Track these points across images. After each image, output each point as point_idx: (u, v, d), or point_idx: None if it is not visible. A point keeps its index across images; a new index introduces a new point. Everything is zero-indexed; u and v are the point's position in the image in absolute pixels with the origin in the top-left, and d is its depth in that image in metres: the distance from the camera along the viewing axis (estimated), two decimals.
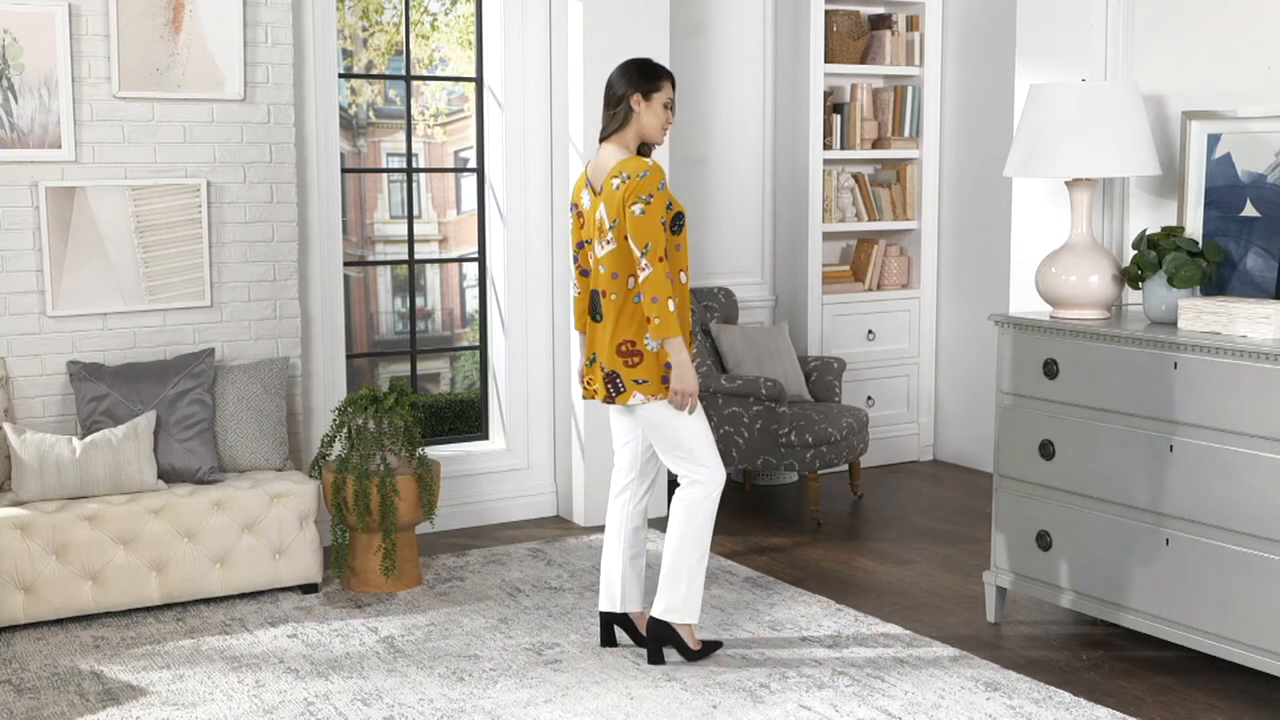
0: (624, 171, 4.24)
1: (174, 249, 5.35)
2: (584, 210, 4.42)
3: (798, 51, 6.96)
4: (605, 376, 4.34)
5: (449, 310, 7.58)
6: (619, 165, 4.27)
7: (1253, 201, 4.47)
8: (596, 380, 4.39)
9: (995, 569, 4.86)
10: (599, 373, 4.37)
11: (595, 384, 4.40)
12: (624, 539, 4.51)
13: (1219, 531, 4.14)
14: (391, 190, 7.48)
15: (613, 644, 4.58)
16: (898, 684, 4.29)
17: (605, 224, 4.29)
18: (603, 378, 4.35)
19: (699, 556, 4.37)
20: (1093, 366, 4.46)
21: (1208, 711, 4.11)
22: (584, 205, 4.41)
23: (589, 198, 4.39)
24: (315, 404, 5.78)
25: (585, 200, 4.41)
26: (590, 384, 4.43)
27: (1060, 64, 5.08)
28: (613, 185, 4.26)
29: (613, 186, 4.26)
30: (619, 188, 4.23)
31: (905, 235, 7.42)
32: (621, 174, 4.24)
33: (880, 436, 7.30)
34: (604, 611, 4.58)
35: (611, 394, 4.34)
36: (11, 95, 5.04)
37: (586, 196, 4.40)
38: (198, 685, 4.28)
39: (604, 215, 4.29)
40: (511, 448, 6.32)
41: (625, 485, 4.54)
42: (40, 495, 4.85)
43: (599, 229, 4.32)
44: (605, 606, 4.57)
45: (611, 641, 4.59)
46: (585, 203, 4.41)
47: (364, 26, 7.10)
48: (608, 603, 4.56)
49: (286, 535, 5.08)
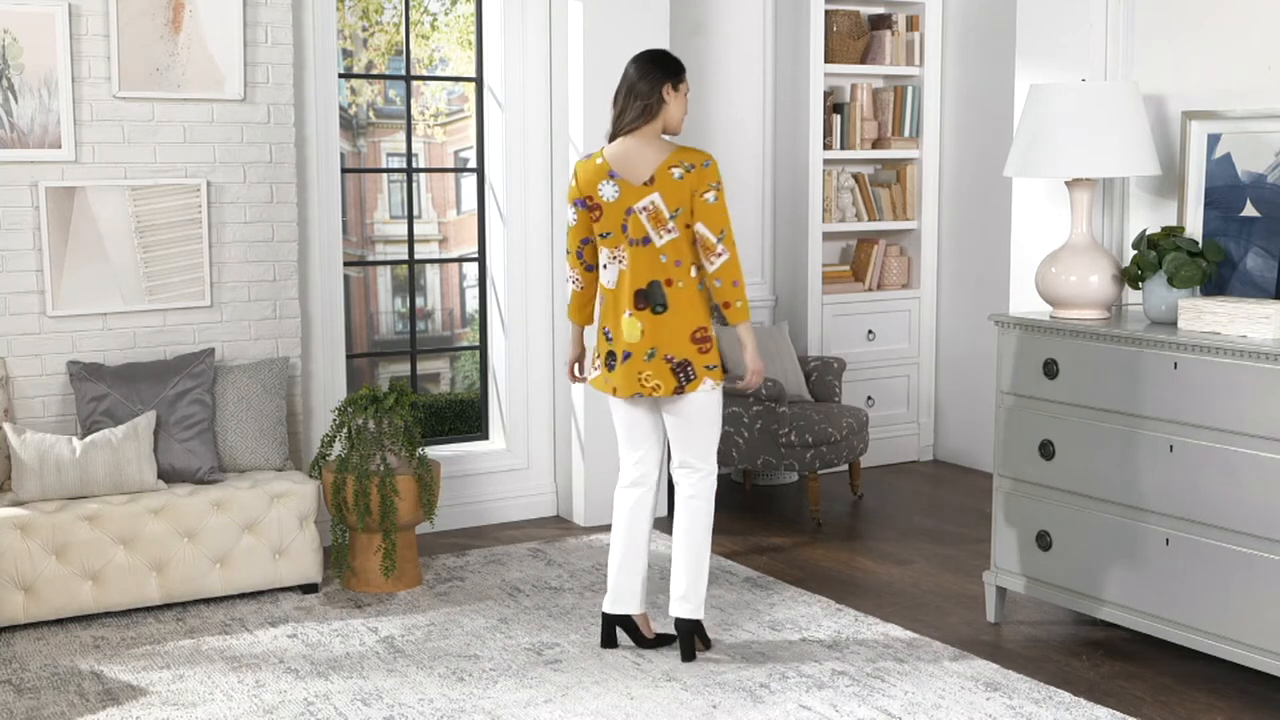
0: (685, 161, 4.27)
1: (174, 249, 5.35)
2: (603, 203, 4.33)
3: (798, 51, 6.96)
4: (675, 367, 4.30)
5: (449, 310, 7.58)
6: (677, 155, 4.28)
7: (1253, 201, 4.47)
8: (660, 374, 4.30)
9: (995, 569, 4.86)
10: (664, 365, 4.30)
11: (657, 378, 4.30)
12: (645, 540, 4.50)
13: (1219, 531, 4.14)
14: (391, 190, 7.48)
15: (614, 645, 4.58)
16: (898, 684, 4.29)
17: (665, 213, 4.26)
18: (670, 369, 4.30)
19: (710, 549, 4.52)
20: (1093, 366, 4.46)
21: (1208, 711, 4.11)
22: (603, 198, 4.33)
23: (612, 190, 4.31)
24: (315, 404, 5.78)
25: (607, 193, 4.32)
26: (648, 380, 4.31)
27: (1060, 64, 5.08)
28: (674, 175, 4.25)
29: (674, 176, 4.25)
30: (682, 178, 4.25)
31: (905, 235, 7.42)
32: (683, 164, 4.27)
33: (880, 436, 7.30)
34: (616, 614, 4.54)
35: (682, 383, 4.31)
36: (11, 95, 5.04)
37: (609, 189, 4.32)
38: (198, 685, 4.28)
39: (661, 205, 4.26)
40: (511, 448, 6.32)
41: (653, 483, 4.50)
42: (40, 495, 4.85)
43: (656, 219, 4.27)
44: (621, 609, 4.52)
45: (614, 643, 4.58)
46: (607, 195, 4.32)
47: (364, 26, 7.11)
48: (623, 605, 4.51)
49: (286, 535, 5.08)
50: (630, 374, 4.33)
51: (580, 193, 4.38)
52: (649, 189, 4.28)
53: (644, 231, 4.30)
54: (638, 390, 4.34)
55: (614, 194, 4.31)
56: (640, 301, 4.32)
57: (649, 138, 4.33)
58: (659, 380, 4.31)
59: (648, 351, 4.32)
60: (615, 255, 4.35)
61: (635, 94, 4.31)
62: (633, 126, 4.32)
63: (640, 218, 4.29)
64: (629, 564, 4.49)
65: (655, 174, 4.27)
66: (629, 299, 4.33)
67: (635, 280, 4.32)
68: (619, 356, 4.35)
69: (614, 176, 4.31)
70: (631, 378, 4.33)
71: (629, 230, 4.31)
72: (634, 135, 4.32)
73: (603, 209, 4.33)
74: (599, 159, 4.36)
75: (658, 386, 4.31)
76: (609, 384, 4.41)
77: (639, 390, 4.34)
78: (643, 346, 4.32)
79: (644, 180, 4.28)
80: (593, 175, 4.35)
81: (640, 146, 4.31)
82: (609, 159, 4.34)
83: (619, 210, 4.31)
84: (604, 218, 4.34)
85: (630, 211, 4.29)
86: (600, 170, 4.34)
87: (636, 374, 4.33)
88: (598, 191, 4.33)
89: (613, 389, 4.39)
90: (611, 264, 4.37)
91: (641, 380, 4.33)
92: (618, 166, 4.31)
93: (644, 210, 4.28)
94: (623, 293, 4.35)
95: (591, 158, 4.39)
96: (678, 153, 4.30)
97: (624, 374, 4.34)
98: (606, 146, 4.38)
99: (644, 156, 4.30)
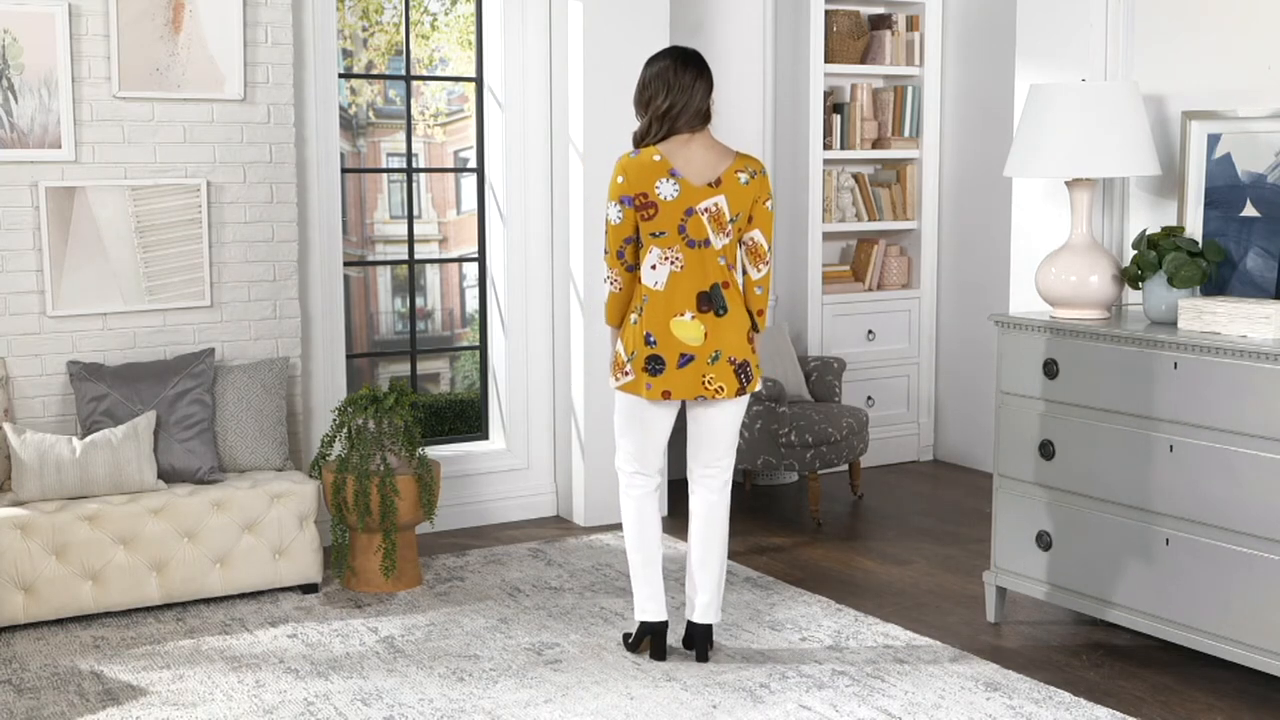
0: (749, 167, 4.28)
1: (174, 249, 5.35)
2: (660, 201, 4.21)
3: (798, 51, 6.96)
4: (737, 368, 4.29)
5: (449, 310, 7.58)
6: (742, 160, 4.28)
7: (1253, 201, 4.47)
8: (723, 376, 4.27)
9: (995, 569, 4.86)
10: (727, 367, 4.28)
11: (720, 380, 4.27)
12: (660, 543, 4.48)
13: (1219, 531, 4.14)
14: (391, 190, 7.48)
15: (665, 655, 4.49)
16: (898, 684, 4.29)
17: (726, 216, 4.24)
18: (733, 370, 4.28)
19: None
20: (1093, 366, 4.46)
21: (1208, 711, 4.11)
22: (660, 196, 4.21)
23: (671, 189, 4.21)
24: (315, 404, 5.78)
25: (665, 191, 4.21)
26: (711, 383, 4.27)
27: (1060, 64, 5.08)
28: (740, 180, 4.25)
29: (740, 181, 4.25)
30: (748, 183, 4.26)
31: (905, 235, 7.42)
32: (748, 169, 4.27)
33: (880, 436, 7.30)
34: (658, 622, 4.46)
35: (743, 384, 4.31)
36: (11, 95, 5.04)
37: (668, 188, 4.21)
38: (198, 685, 4.28)
39: (724, 207, 4.23)
40: (511, 448, 6.32)
41: (657, 487, 4.48)
42: (40, 495, 4.85)
43: (717, 221, 4.23)
44: (663, 615, 4.46)
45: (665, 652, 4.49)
46: (665, 194, 4.21)
47: (364, 26, 7.10)
48: (662, 612, 4.46)
49: (286, 535, 5.08)
50: (694, 377, 4.27)
51: (631, 189, 4.23)
52: (714, 190, 4.23)
53: (705, 233, 4.24)
54: (700, 393, 4.28)
55: (674, 193, 4.22)
56: (704, 304, 4.26)
57: (709, 139, 4.29)
58: (723, 382, 4.28)
59: (712, 354, 4.27)
60: (668, 256, 4.26)
61: (686, 92, 4.24)
62: (692, 127, 4.26)
63: (702, 219, 4.23)
64: (658, 570, 4.45)
65: (723, 176, 4.24)
66: (686, 300, 4.26)
67: (695, 282, 4.26)
68: (671, 360, 4.26)
69: (675, 175, 4.22)
70: (695, 381, 4.27)
71: (688, 231, 4.23)
72: (693, 136, 4.26)
73: (658, 207, 4.22)
74: (655, 155, 4.23)
75: (721, 389, 4.28)
76: (656, 389, 4.27)
77: (702, 393, 4.28)
78: (706, 349, 4.27)
79: (709, 181, 4.23)
80: (649, 172, 4.22)
81: (703, 148, 4.26)
82: (668, 157, 4.24)
83: (678, 210, 4.22)
84: (659, 216, 4.23)
85: (691, 212, 4.22)
86: (659, 168, 4.22)
87: (701, 377, 4.27)
88: (654, 189, 4.22)
89: (663, 393, 4.27)
90: (662, 265, 4.26)
91: (705, 383, 4.27)
92: (679, 165, 4.23)
93: (705, 211, 4.22)
94: (675, 295, 4.26)
95: (643, 154, 4.25)
96: (742, 158, 4.29)
97: (685, 377, 4.26)
98: (659, 144, 4.25)
99: (707, 158, 4.25)
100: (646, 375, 4.29)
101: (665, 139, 4.27)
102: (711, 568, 4.44)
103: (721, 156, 4.27)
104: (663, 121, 4.26)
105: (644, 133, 4.31)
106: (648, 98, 4.30)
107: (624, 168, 4.27)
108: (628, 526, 4.46)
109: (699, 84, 4.27)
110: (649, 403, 4.34)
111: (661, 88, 4.26)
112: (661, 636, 4.46)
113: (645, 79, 4.32)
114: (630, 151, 4.30)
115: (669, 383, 4.27)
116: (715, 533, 4.45)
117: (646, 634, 4.48)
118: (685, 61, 4.28)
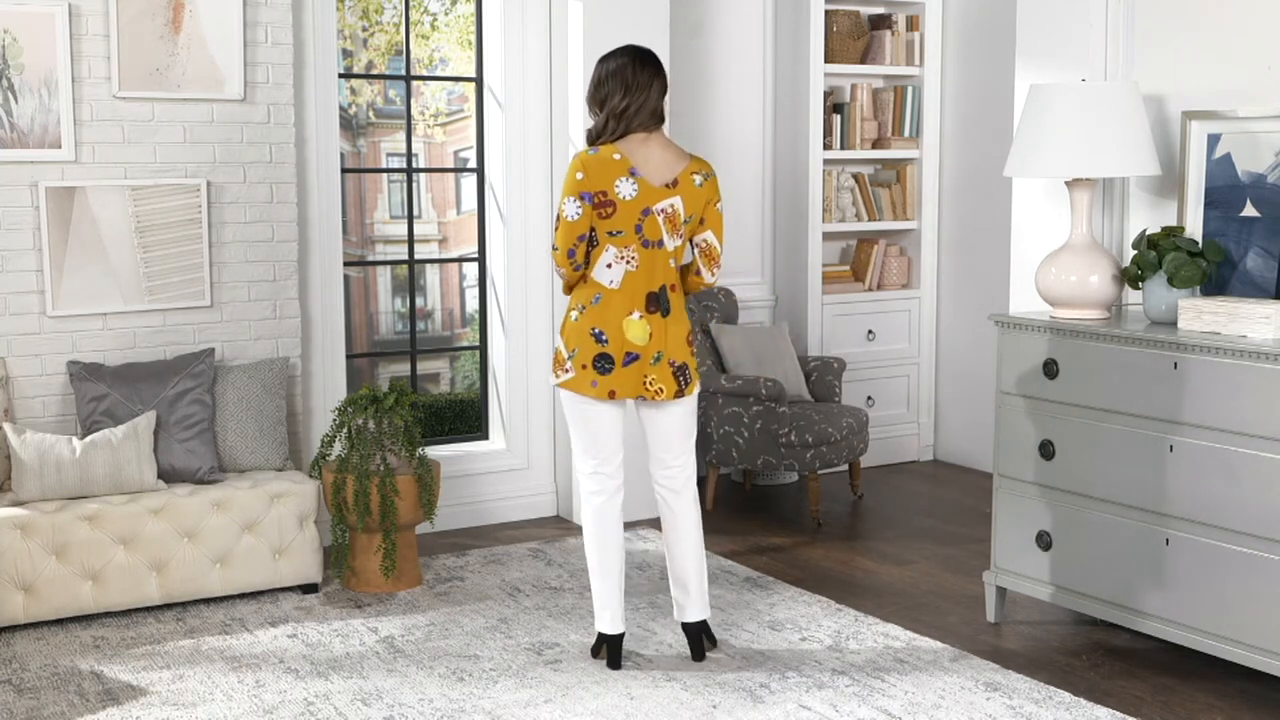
0: (702, 170, 4.29)
1: (174, 249, 5.35)
2: (618, 200, 4.19)
3: (798, 51, 6.96)
4: (676, 370, 4.29)
5: (449, 310, 7.58)
6: (696, 162, 4.29)
7: (1253, 201, 4.47)
8: (663, 378, 4.28)
9: (995, 569, 4.86)
10: (667, 369, 4.28)
11: (660, 381, 4.27)
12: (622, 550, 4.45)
13: (1219, 531, 4.14)
14: (391, 190, 7.48)
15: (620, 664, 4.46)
16: (898, 684, 4.29)
17: (680, 218, 4.25)
18: (672, 372, 4.28)
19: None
20: (1093, 366, 4.46)
21: (1208, 711, 4.11)
22: (620, 195, 4.19)
23: (630, 188, 4.20)
24: (315, 404, 5.78)
25: (625, 190, 4.19)
26: (652, 384, 4.27)
27: (1060, 64, 5.08)
28: (694, 182, 4.25)
29: (695, 183, 4.26)
30: (701, 185, 4.27)
31: (905, 235, 7.42)
32: (701, 172, 4.28)
33: (880, 436, 7.30)
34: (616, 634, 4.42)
35: (681, 387, 4.30)
36: (11, 95, 5.04)
37: (627, 187, 4.19)
38: (198, 685, 4.28)
39: (680, 209, 4.24)
40: (511, 448, 6.32)
41: (616, 490, 4.41)
42: (40, 495, 4.85)
43: (671, 222, 4.24)
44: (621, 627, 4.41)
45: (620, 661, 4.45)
46: (624, 193, 4.19)
47: (364, 26, 7.11)
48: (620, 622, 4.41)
49: (286, 535, 5.08)
50: (636, 377, 4.27)
51: (591, 186, 4.19)
52: (671, 192, 4.23)
53: (660, 234, 4.24)
54: (641, 393, 4.29)
55: (633, 192, 4.21)
56: (652, 305, 4.27)
57: (665, 140, 4.29)
58: (662, 384, 4.28)
59: (655, 355, 4.27)
60: (624, 255, 4.25)
61: (644, 91, 4.22)
62: (647, 127, 4.25)
63: (658, 219, 4.23)
64: (619, 578, 4.41)
65: (679, 177, 4.24)
66: (637, 300, 4.26)
67: (647, 282, 4.27)
68: (618, 358, 4.26)
69: (634, 174, 4.21)
70: (637, 380, 4.27)
71: (644, 231, 4.23)
72: (649, 135, 4.25)
73: (617, 206, 4.21)
74: (615, 154, 4.21)
75: (660, 390, 4.28)
76: (603, 388, 4.25)
77: (642, 393, 4.29)
78: (650, 349, 4.27)
79: (666, 182, 4.23)
80: (609, 170, 4.20)
81: (659, 148, 4.26)
82: (627, 155, 4.22)
83: (635, 209, 4.21)
84: (617, 215, 4.21)
85: (648, 212, 4.22)
86: (619, 166, 4.20)
87: (643, 377, 4.28)
88: (614, 187, 4.20)
89: (609, 392, 4.26)
90: (617, 264, 4.26)
91: (646, 384, 4.28)
92: (638, 164, 4.22)
93: (662, 212, 4.23)
94: (627, 293, 4.25)
95: (603, 151, 4.21)
96: (695, 160, 4.31)
97: (628, 376, 4.26)
98: (617, 143, 4.23)
99: (665, 159, 4.25)
100: (594, 373, 4.26)
101: (621, 138, 4.25)
102: (690, 565, 4.43)
103: (677, 158, 4.28)
104: (620, 120, 4.24)
105: (600, 130, 4.28)
106: (603, 95, 4.27)
107: (584, 164, 4.22)
108: (587, 535, 4.41)
109: (656, 83, 4.26)
110: (594, 400, 4.30)
111: (619, 86, 4.23)
112: (617, 646, 4.43)
113: (600, 76, 4.28)
114: (589, 149, 4.27)
115: (615, 382, 4.26)
116: (686, 531, 4.43)
117: (604, 643, 4.47)
118: (643, 60, 4.26)
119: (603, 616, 4.42)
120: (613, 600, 4.39)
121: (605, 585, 4.39)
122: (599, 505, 4.37)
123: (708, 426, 6.34)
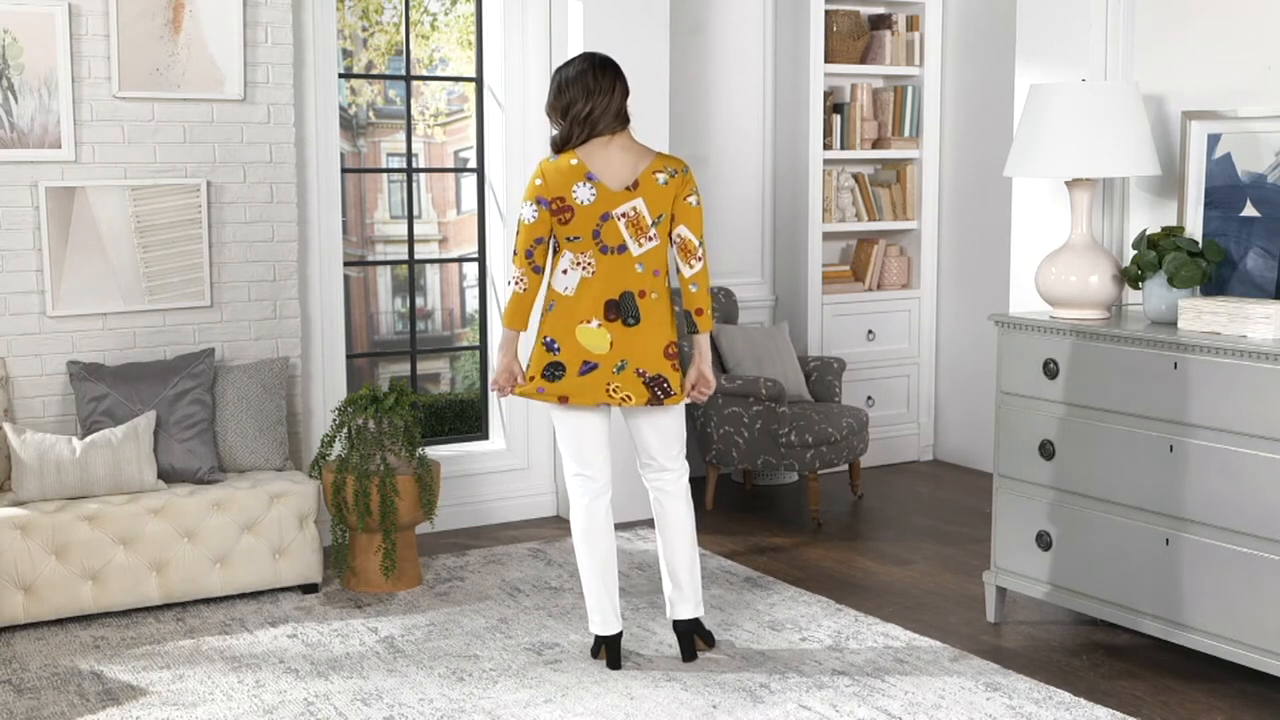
0: (668, 167, 4.25)
1: (174, 249, 5.35)
2: (576, 205, 4.19)
3: (798, 51, 6.96)
4: (648, 381, 4.24)
5: (449, 310, 7.58)
6: (660, 160, 4.25)
7: (1253, 201, 4.47)
8: (630, 386, 4.23)
9: (995, 569, 4.86)
10: (635, 378, 4.23)
11: (626, 389, 4.23)
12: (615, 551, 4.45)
13: (1219, 531, 4.14)
14: (391, 190, 7.47)
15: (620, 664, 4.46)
16: (898, 684, 4.29)
17: (647, 220, 4.21)
18: (643, 382, 4.24)
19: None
20: (1093, 366, 4.46)
21: (1208, 711, 4.11)
22: (577, 200, 4.19)
23: (588, 193, 4.19)
24: (315, 404, 5.78)
25: (582, 196, 4.19)
26: (617, 391, 4.23)
27: (1060, 64, 5.08)
28: (658, 180, 4.22)
29: (659, 181, 4.22)
30: (666, 183, 4.23)
31: (905, 235, 7.42)
32: (667, 169, 4.25)
33: (880, 436, 7.30)
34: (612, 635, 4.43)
35: (660, 396, 4.26)
36: (11, 95, 5.04)
37: (584, 192, 4.19)
38: (198, 685, 4.28)
39: (643, 211, 4.21)
40: (511, 448, 6.32)
41: (602, 491, 4.40)
42: (40, 495, 4.85)
43: (635, 226, 4.21)
44: (616, 628, 4.42)
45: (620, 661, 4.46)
46: (582, 198, 4.19)
47: (364, 26, 7.10)
48: (616, 623, 4.42)
49: (286, 535, 5.08)
50: (597, 384, 4.24)
51: (549, 192, 4.20)
52: (631, 194, 4.21)
53: (620, 239, 4.22)
54: (604, 400, 4.26)
55: (590, 197, 4.20)
56: (611, 312, 4.23)
57: (628, 142, 4.27)
58: (629, 392, 4.25)
59: (617, 364, 4.24)
60: (580, 261, 4.23)
61: (606, 95, 4.21)
62: (612, 129, 4.24)
63: (618, 224, 4.21)
64: (613, 579, 4.42)
65: (640, 178, 4.22)
66: (594, 308, 4.23)
67: (606, 290, 4.23)
68: (573, 367, 4.23)
69: (591, 179, 4.20)
70: (598, 388, 4.24)
71: (602, 236, 4.21)
72: (612, 138, 4.24)
73: (575, 211, 4.20)
74: (572, 160, 4.22)
75: (628, 398, 4.25)
76: (551, 394, 4.24)
77: (606, 400, 4.26)
78: (611, 358, 4.24)
79: (626, 185, 4.21)
80: (566, 176, 4.20)
81: (620, 149, 4.24)
82: (585, 161, 4.22)
83: (594, 214, 4.20)
84: (575, 221, 4.21)
85: (607, 217, 4.21)
86: (575, 172, 4.20)
87: (604, 385, 4.24)
88: (571, 193, 4.19)
89: (559, 398, 4.24)
90: (573, 270, 4.24)
91: (610, 391, 4.24)
92: (596, 169, 4.21)
93: (623, 216, 4.21)
94: (583, 301, 4.23)
95: (561, 159, 4.22)
96: (660, 158, 4.27)
97: (588, 384, 4.23)
98: (577, 149, 4.23)
99: (625, 160, 4.23)
100: (542, 381, 4.26)
101: (585, 143, 4.24)
102: (681, 561, 4.43)
103: (640, 157, 4.25)
104: (584, 125, 4.23)
105: (565, 137, 4.27)
106: (566, 102, 4.25)
107: (543, 171, 4.25)
108: (576, 536, 4.41)
109: (618, 85, 4.26)
110: (560, 408, 4.31)
111: (581, 93, 4.22)
112: (616, 646, 4.44)
113: (561, 83, 4.27)
114: (550, 156, 4.29)
115: (567, 388, 4.24)
116: (679, 530, 4.43)
117: (602, 644, 4.47)
118: (603, 66, 4.27)
119: (595, 619, 4.43)
120: (604, 601, 4.40)
121: (596, 586, 4.40)
122: (585, 506, 4.38)
123: (708, 426, 6.34)
